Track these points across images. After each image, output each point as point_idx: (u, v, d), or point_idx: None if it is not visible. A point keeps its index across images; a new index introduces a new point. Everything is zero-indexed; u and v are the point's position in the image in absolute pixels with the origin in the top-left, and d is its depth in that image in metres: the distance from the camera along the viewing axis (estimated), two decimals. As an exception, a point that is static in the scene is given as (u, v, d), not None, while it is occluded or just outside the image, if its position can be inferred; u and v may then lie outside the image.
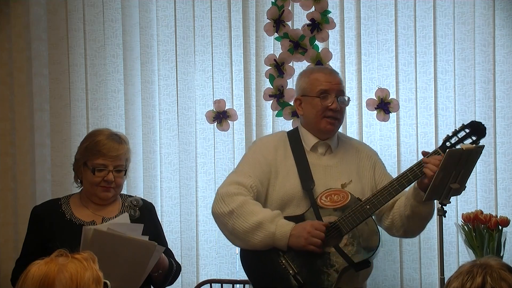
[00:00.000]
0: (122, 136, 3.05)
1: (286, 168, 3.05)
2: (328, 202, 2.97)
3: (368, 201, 2.93)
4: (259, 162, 3.05)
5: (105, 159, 2.94)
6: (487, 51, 3.63)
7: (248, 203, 2.94)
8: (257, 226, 2.90)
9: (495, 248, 3.26)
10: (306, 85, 3.11)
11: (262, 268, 2.97)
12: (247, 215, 2.91)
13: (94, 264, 1.97)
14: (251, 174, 3.01)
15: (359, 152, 3.16)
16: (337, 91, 3.06)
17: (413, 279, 3.66)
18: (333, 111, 3.04)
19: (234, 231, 2.94)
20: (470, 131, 2.95)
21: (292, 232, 2.89)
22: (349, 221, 2.91)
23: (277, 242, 2.90)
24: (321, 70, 3.20)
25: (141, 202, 3.10)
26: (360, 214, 2.91)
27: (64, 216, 2.98)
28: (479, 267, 1.91)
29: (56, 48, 3.80)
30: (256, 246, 2.93)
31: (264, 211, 2.94)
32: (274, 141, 3.14)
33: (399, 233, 3.08)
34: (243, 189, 2.97)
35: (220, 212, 2.97)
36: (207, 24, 3.81)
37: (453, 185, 2.79)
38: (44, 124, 3.76)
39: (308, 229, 2.88)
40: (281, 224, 2.90)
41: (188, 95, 3.83)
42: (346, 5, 3.70)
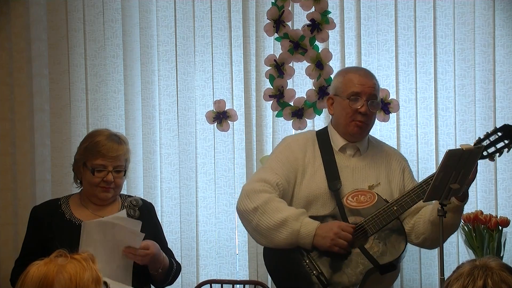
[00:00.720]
0: (121, 137, 3.05)
1: (313, 168, 3.02)
2: (354, 203, 2.93)
3: (395, 202, 2.89)
4: (287, 160, 3.02)
5: (105, 159, 2.94)
6: (487, 51, 3.63)
7: (273, 200, 2.91)
8: (281, 224, 2.87)
9: (495, 249, 3.26)
10: (339, 85, 3.05)
11: (285, 267, 2.93)
12: (272, 212, 2.88)
13: (94, 264, 1.97)
14: (278, 172, 2.99)
15: (389, 156, 3.12)
16: (368, 95, 2.99)
17: (413, 280, 3.66)
18: (362, 114, 2.98)
19: (258, 228, 2.92)
20: (503, 135, 2.88)
21: (318, 232, 2.86)
22: (375, 222, 2.87)
23: (301, 241, 2.87)
24: (356, 71, 3.13)
25: (140, 202, 3.10)
26: (387, 215, 2.87)
27: (64, 216, 2.98)
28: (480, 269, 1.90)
29: (56, 48, 3.80)
30: (280, 244, 2.90)
31: (289, 209, 2.91)
32: (303, 140, 3.10)
33: (418, 240, 3.00)
34: (269, 186, 2.95)
35: (244, 209, 2.95)
36: (207, 24, 3.81)
37: (453, 185, 2.78)
38: (44, 124, 3.76)
39: (335, 230, 2.84)
40: (306, 223, 2.87)
41: (188, 95, 3.83)
42: (346, 5, 3.70)
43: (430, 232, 2.94)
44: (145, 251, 2.84)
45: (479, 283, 1.87)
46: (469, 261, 1.96)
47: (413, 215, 3.01)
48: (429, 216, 2.93)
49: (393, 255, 2.86)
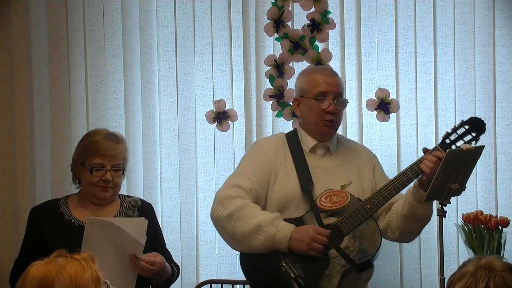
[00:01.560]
0: (119, 136, 3.05)
1: (285, 170, 3.02)
2: (327, 203, 2.94)
3: (368, 200, 2.91)
4: (259, 164, 3.02)
5: (103, 158, 2.94)
6: (487, 51, 3.63)
7: (247, 206, 2.90)
8: (256, 229, 2.86)
9: (495, 249, 3.26)
10: (304, 86, 3.07)
11: (262, 272, 2.93)
12: (247, 218, 2.87)
13: (94, 265, 1.97)
14: (250, 177, 2.98)
15: (359, 154, 3.14)
16: (335, 93, 3.01)
17: (413, 280, 3.66)
18: (330, 113, 3.00)
19: (233, 235, 2.90)
20: (470, 128, 2.92)
21: (293, 235, 2.85)
22: (349, 222, 2.89)
23: (277, 245, 2.87)
24: (320, 70, 3.15)
25: (139, 202, 3.10)
26: (360, 214, 2.89)
27: (63, 217, 2.98)
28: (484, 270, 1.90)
29: (56, 48, 3.80)
30: (256, 249, 2.89)
31: (264, 214, 2.91)
32: (273, 143, 3.11)
33: (395, 235, 3.02)
34: (242, 192, 2.94)
35: (219, 216, 2.93)
36: (207, 24, 3.81)
37: (453, 186, 2.78)
38: (44, 125, 3.76)
39: (311, 234, 2.84)
40: (282, 227, 2.87)
41: (188, 95, 3.83)
42: (346, 5, 3.70)
43: (404, 226, 2.97)
44: (149, 266, 2.83)
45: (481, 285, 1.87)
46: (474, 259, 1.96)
47: (387, 211, 3.03)
48: (401, 210, 2.95)
49: (369, 253, 2.88)
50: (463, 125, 2.93)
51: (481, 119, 2.94)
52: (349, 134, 3.66)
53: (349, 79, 3.69)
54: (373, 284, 3.63)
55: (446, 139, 2.93)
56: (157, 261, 2.86)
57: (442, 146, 2.92)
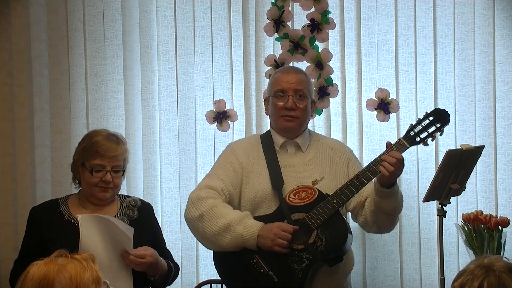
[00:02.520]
0: (119, 137, 3.04)
1: (258, 170, 3.07)
2: (296, 200, 2.97)
3: (335, 195, 2.92)
4: (231, 165, 3.09)
5: (103, 159, 2.94)
6: (487, 51, 3.63)
7: (217, 206, 2.96)
8: (225, 228, 2.92)
9: (495, 249, 3.26)
10: (269, 86, 3.19)
11: (234, 268, 2.99)
12: (216, 218, 2.94)
13: (94, 264, 1.97)
14: (222, 178, 3.05)
15: (333, 149, 3.15)
16: (294, 90, 3.06)
17: (413, 280, 3.66)
18: (287, 109, 3.04)
19: (204, 235, 2.97)
20: (434, 119, 2.93)
21: (260, 233, 2.91)
22: (316, 217, 2.91)
23: (246, 243, 2.93)
24: (282, 70, 3.23)
25: (139, 202, 3.09)
26: (327, 208, 2.91)
27: (63, 217, 2.97)
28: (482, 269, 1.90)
29: (56, 48, 3.80)
30: (226, 247, 2.95)
31: (233, 213, 2.96)
32: (246, 144, 3.17)
33: (373, 229, 3.08)
34: (214, 192, 3.00)
35: (190, 217, 3.00)
36: (207, 24, 3.81)
37: (453, 186, 2.79)
38: (44, 125, 3.76)
39: (275, 230, 2.89)
40: (249, 225, 2.93)
41: (188, 95, 3.83)
42: (346, 5, 3.70)
43: (377, 220, 3.01)
44: (139, 259, 2.83)
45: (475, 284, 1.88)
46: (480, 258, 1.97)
47: (362, 207, 3.07)
48: (370, 206, 3.00)
49: (337, 246, 2.90)
50: (428, 117, 2.94)
51: (445, 110, 2.95)
52: (349, 134, 3.66)
53: (349, 79, 3.69)
54: (373, 284, 3.63)
55: (411, 131, 2.93)
56: (147, 253, 2.86)
57: (406, 138, 2.92)
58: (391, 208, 2.97)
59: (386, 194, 2.92)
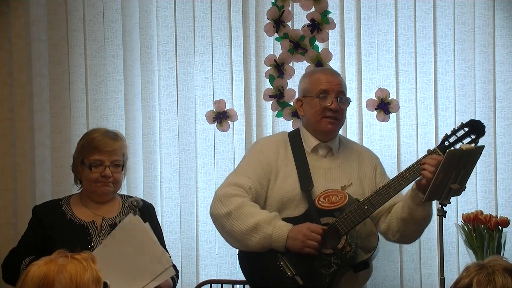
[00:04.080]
0: (117, 133, 3.07)
1: (286, 170, 3.04)
2: (326, 203, 2.95)
3: (366, 201, 2.91)
4: (260, 163, 3.05)
5: (101, 154, 2.95)
6: (487, 51, 3.63)
7: (246, 205, 2.93)
8: (254, 228, 2.89)
9: (495, 249, 3.26)
10: (307, 86, 3.10)
11: (260, 270, 2.96)
12: (245, 216, 2.91)
13: (94, 264, 1.97)
14: (250, 176, 3.01)
15: (361, 155, 3.14)
16: (337, 92, 3.04)
17: (413, 280, 3.66)
18: (332, 111, 3.02)
19: (231, 233, 2.94)
20: (469, 130, 2.93)
21: (289, 234, 2.88)
22: (347, 222, 2.89)
23: (274, 244, 2.90)
24: (322, 70, 3.19)
25: (141, 203, 3.09)
26: (358, 214, 2.89)
27: (65, 216, 2.98)
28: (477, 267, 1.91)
29: (56, 48, 3.80)
30: (253, 247, 2.92)
31: (262, 213, 2.94)
32: (275, 142, 3.13)
33: (395, 237, 3.04)
34: (241, 190, 2.97)
35: (218, 213, 2.97)
36: (207, 24, 3.81)
37: (453, 186, 2.78)
38: (44, 125, 3.76)
39: (305, 231, 2.87)
40: (279, 226, 2.90)
41: (188, 95, 3.83)
42: (346, 5, 3.70)
43: (403, 228, 2.98)
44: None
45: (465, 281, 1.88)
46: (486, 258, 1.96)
47: (387, 214, 3.04)
48: (400, 213, 2.97)
49: (365, 253, 2.89)
50: (463, 128, 2.94)
51: (481, 122, 2.95)
52: (349, 134, 3.66)
53: (349, 79, 3.69)
54: (373, 284, 3.63)
55: (445, 141, 2.94)
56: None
57: (441, 148, 2.92)
58: (423, 217, 2.94)
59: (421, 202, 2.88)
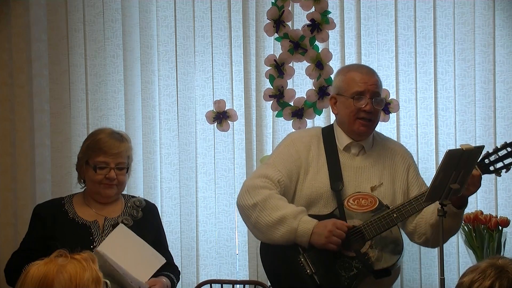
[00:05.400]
0: (123, 134, 3.05)
1: (317, 166, 3.00)
2: (355, 206, 2.91)
3: (396, 209, 2.87)
4: (290, 157, 3.01)
5: (106, 156, 2.94)
6: (487, 51, 3.63)
7: (273, 197, 2.91)
8: (280, 221, 2.87)
9: (495, 249, 3.26)
10: (342, 84, 3.03)
11: (280, 264, 2.95)
12: (271, 209, 2.89)
13: (94, 264, 1.96)
14: (280, 169, 2.98)
15: (394, 153, 3.08)
16: (372, 92, 2.97)
17: (413, 280, 3.66)
18: (366, 112, 2.96)
19: (257, 224, 2.92)
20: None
21: (314, 230, 2.85)
22: (373, 227, 2.85)
23: (298, 239, 2.87)
24: (357, 69, 3.08)
25: (144, 203, 3.09)
26: (386, 222, 2.85)
27: (67, 215, 2.97)
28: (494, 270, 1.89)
29: (56, 48, 3.80)
30: (277, 240, 2.90)
31: (288, 207, 2.91)
32: (307, 137, 3.08)
33: (420, 240, 2.99)
34: (270, 182, 2.95)
35: (244, 204, 2.95)
36: (207, 24, 3.81)
37: (453, 186, 2.78)
38: (44, 125, 3.76)
39: (330, 227, 2.83)
40: (304, 221, 2.87)
41: (188, 95, 3.83)
42: (346, 5, 3.70)
43: (430, 233, 2.94)
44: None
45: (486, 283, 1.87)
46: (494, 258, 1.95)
47: (416, 215, 2.99)
48: (429, 218, 2.92)
49: (388, 262, 2.86)
50: (506, 147, 2.85)
51: None
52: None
53: (349, 79, 3.69)
54: (373, 284, 3.63)
55: (486, 159, 2.85)
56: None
57: (480, 165, 2.83)
58: (451, 227, 2.90)
59: (454, 214, 2.84)
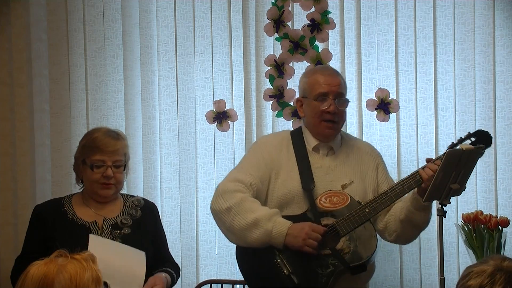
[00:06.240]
0: (119, 133, 3.05)
1: (287, 168, 3.04)
2: (327, 204, 2.95)
3: (368, 204, 2.91)
4: (261, 160, 3.05)
5: (103, 154, 2.93)
6: (487, 51, 3.63)
7: (247, 200, 2.93)
8: (254, 224, 2.89)
9: (495, 249, 3.26)
10: (306, 86, 3.08)
11: (257, 266, 2.97)
12: (245, 212, 2.91)
13: (94, 264, 1.97)
14: (251, 172, 3.01)
15: (363, 152, 3.13)
16: (335, 93, 3.01)
17: (413, 280, 3.66)
18: (330, 114, 3.00)
19: (231, 228, 2.94)
20: (476, 140, 2.92)
21: (289, 231, 2.88)
22: (347, 224, 2.89)
23: (273, 240, 2.90)
24: (321, 71, 3.14)
25: (142, 202, 3.09)
26: (358, 217, 2.89)
27: (66, 216, 2.97)
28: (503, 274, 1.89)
29: (56, 48, 3.80)
30: (252, 243, 2.92)
31: (262, 209, 2.94)
32: (277, 140, 3.13)
33: (391, 237, 3.03)
34: (243, 186, 2.97)
35: (218, 209, 2.97)
36: (207, 24, 3.81)
37: (453, 186, 2.78)
38: (44, 125, 3.76)
39: (306, 230, 2.87)
40: (279, 222, 2.90)
41: (188, 95, 3.83)
42: (346, 5, 3.70)
43: (401, 230, 2.97)
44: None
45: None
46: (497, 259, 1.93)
47: (386, 213, 3.03)
48: (399, 215, 2.96)
49: (363, 256, 2.89)
50: (470, 137, 2.92)
51: (488, 132, 2.94)
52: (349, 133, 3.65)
53: (349, 79, 3.69)
54: (373, 284, 3.63)
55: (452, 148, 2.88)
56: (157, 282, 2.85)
57: None
58: (421, 221, 2.94)
59: (423, 207, 2.88)
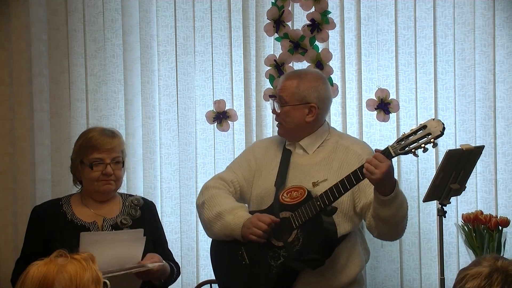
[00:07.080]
0: (114, 131, 3.04)
1: (270, 167, 3.12)
2: (287, 199, 3.00)
3: (319, 197, 2.90)
4: (247, 160, 3.18)
5: (101, 152, 2.93)
6: (487, 51, 3.63)
7: (219, 196, 3.09)
8: (217, 216, 3.04)
9: (495, 249, 3.26)
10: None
11: (224, 258, 3.11)
12: (214, 206, 3.06)
13: (94, 264, 1.96)
14: (235, 170, 3.17)
15: (349, 151, 3.07)
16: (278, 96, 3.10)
17: (413, 280, 3.66)
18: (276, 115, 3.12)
19: (203, 221, 3.14)
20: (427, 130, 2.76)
21: (245, 223, 2.99)
22: (299, 217, 2.92)
23: (233, 233, 3.02)
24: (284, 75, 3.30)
25: (142, 201, 3.09)
26: (310, 209, 2.90)
27: (65, 217, 2.96)
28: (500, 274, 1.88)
29: (56, 48, 3.80)
30: (217, 235, 3.08)
31: (228, 203, 3.06)
32: (268, 142, 3.24)
33: (375, 234, 3.02)
34: (222, 183, 3.13)
35: (197, 203, 3.19)
36: (207, 24, 3.82)
37: (453, 186, 2.78)
38: (44, 124, 3.76)
39: (253, 220, 2.96)
40: (238, 216, 3.01)
41: (188, 95, 3.83)
42: (346, 5, 3.70)
43: (375, 226, 2.95)
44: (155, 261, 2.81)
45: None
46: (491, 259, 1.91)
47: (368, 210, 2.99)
48: (372, 212, 2.93)
49: (313, 249, 2.87)
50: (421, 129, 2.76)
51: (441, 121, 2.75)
52: (349, 134, 3.65)
53: (349, 79, 3.69)
54: (373, 284, 3.63)
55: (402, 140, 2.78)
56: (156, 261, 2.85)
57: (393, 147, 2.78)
58: (388, 216, 2.88)
59: (382, 201, 2.84)
